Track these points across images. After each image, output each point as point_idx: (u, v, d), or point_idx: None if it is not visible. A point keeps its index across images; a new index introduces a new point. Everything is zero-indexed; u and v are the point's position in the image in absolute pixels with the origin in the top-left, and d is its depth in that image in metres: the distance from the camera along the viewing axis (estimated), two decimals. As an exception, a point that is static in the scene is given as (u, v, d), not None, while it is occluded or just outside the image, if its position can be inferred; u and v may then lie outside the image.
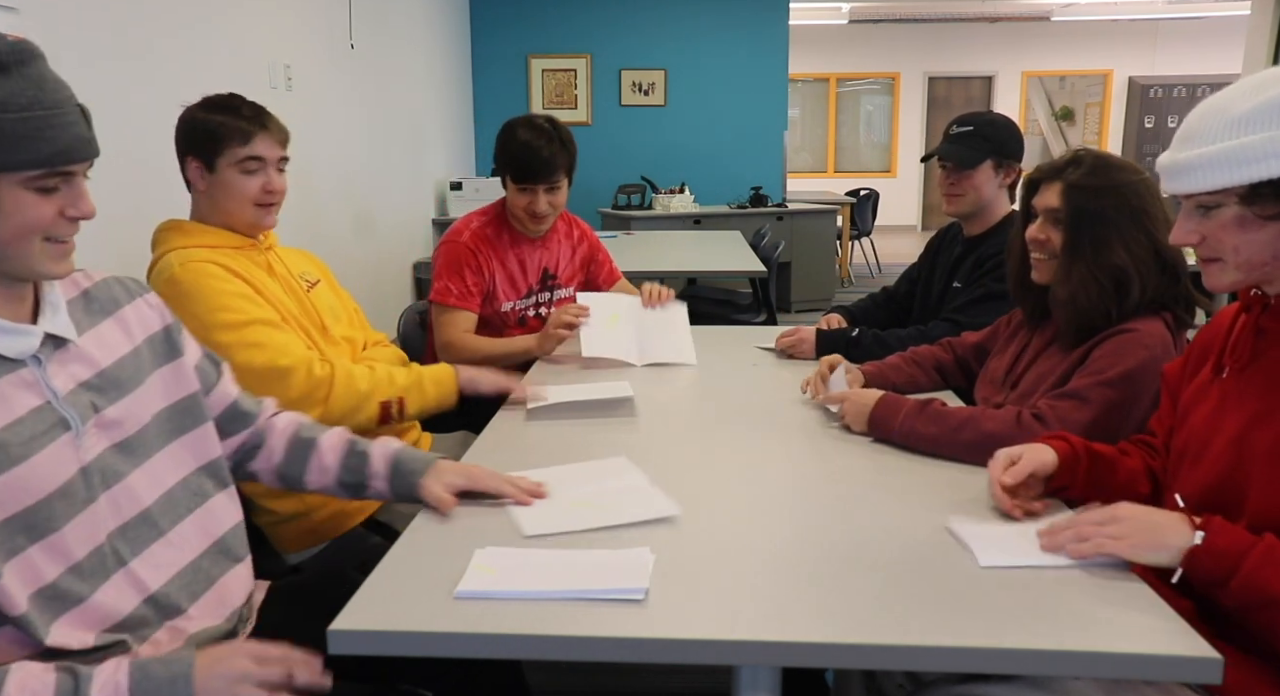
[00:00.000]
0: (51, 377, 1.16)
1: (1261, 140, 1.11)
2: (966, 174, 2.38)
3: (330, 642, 1.06)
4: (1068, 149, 1.77)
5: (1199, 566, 1.10)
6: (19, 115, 1.05)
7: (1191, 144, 1.17)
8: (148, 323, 1.34)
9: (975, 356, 2.07)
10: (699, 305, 4.99)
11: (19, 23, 2.52)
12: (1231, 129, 1.13)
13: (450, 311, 2.54)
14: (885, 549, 1.28)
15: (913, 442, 1.67)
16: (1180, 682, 1.18)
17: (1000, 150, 2.37)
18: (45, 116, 1.07)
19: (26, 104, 1.06)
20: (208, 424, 1.37)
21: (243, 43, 3.90)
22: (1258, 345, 1.24)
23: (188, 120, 1.88)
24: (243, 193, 1.86)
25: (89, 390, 1.20)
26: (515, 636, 1.06)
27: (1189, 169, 1.17)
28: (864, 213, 9.36)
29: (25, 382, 1.13)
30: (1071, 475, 1.39)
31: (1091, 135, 13.86)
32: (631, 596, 1.12)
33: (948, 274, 2.49)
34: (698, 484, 1.55)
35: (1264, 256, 1.17)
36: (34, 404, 1.13)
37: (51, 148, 1.08)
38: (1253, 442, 1.19)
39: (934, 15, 12.91)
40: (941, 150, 2.42)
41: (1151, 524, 1.15)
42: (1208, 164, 1.14)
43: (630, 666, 2.31)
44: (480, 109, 8.15)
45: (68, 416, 1.16)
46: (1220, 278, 1.22)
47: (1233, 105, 1.14)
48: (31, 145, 1.06)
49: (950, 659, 1.02)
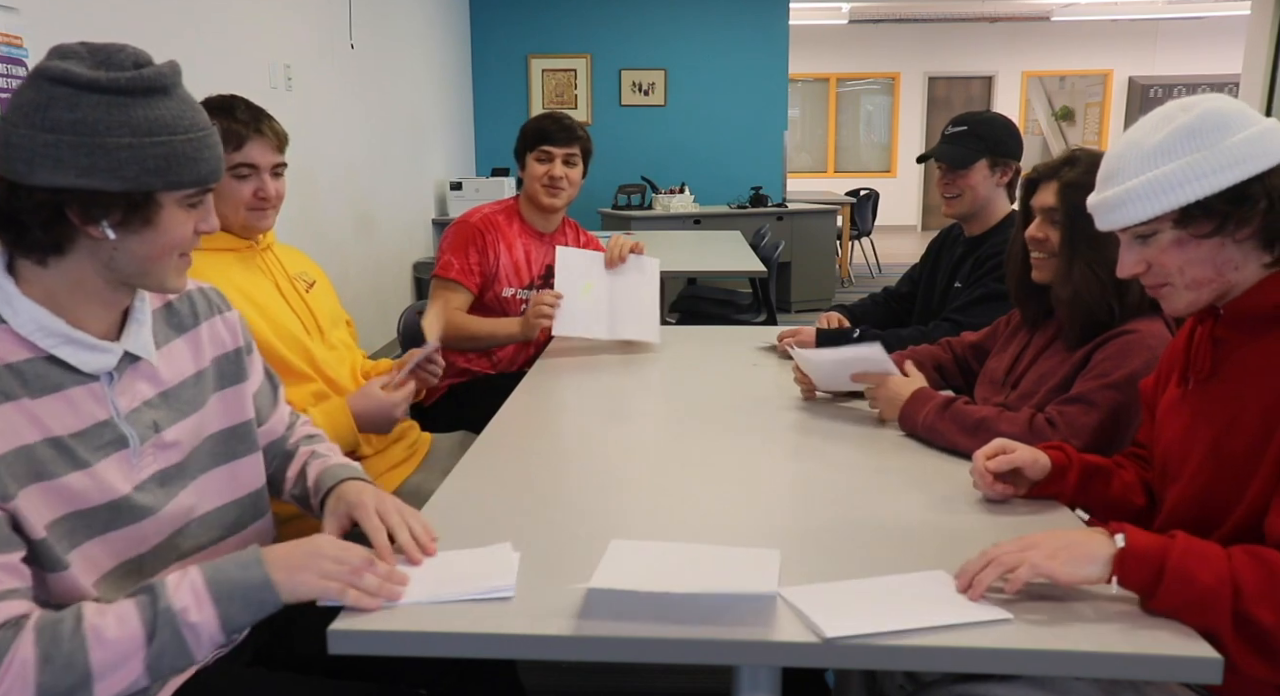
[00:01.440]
0: (118, 395, 1.16)
1: (1179, 167, 1.17)
2: (961, 174, 2.39)
3: (330, 642, 1.06)
4: (1065, 149, 1.78)
5: (1129, 570, 1.08)
6: (184, 136, 1.09)
7: (1114, 181, 1.23)
8: (220, 342, 1.34)
9: (975, 356, 2.07)
10: (699, 305, 5.00)
11: (19, 23, 2.51)
12: (1149, 161, 1.19)
13: (448, 285, 2.60)
14: (887, 548, 1.28)
15: (933, 438, 1.70)
16: (1180, 682, 1.18)
17: (995, 149, 2.38)
18: (202, 137, 1.11)
19: (188, 125, 1.10)
20: (256, 454, 1.37)
21: (243, 43, 3.90)
22: (1217, 354, 1.27)
23: None
24: (235, 197, 1.83)
25: (151, 408, 1.21)
26: (515, 636, 1.06)
27: (1119, 204, 1.22)
28: (864, 213, 9.36)
29: (94, 396, 1.14)
30: (1060, 483, 1.41)
31: (1091, 135, 13.86)
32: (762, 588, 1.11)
33: (949, 274, 2.49)
34: (697, 483, 1.55)
35: (1208, 273, 1.22)
36: (100, 417, 1.14)
37: (208, 167, 1.12)
38: (1228, 452, 1.21)
39: (934, 15, 12.91)
40: (935, 150, 2.43)
41: (1072, 541, 1.13)
42: (1135, 197, 1.20)
43: (630, 666, 2.31)
44: (480, 109, 8.15)
45: (128, 434, 1.17)
46: (1174, 301, 1.26)
47: (1145, 139, 1.20)
48: (194, 165, 1.10)
49: (950, 659, 1.03)
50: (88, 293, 1.12)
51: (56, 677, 0.98)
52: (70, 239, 1.07)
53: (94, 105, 1.04)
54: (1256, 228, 1.18)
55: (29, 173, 1.03)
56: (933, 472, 1.58)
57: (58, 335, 1.10)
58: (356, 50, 5.34)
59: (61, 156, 1.03)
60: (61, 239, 1.07)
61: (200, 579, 1.07)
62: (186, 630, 1.04)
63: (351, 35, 5.26)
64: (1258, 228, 1.18)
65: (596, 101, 8.16)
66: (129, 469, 1.16)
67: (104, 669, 1.00)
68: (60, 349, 1.10)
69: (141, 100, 1.06)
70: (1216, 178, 1.16)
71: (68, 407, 1.11)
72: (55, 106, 1.03)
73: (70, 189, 1.04)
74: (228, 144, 1.81)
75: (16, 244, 1.07)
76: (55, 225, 1.05)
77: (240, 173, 1.83)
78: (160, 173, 1.07)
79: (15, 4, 2.50)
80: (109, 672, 1.00)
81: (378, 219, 5.79)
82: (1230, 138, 1.16)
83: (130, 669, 1.02)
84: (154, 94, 1.07)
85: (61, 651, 0.99)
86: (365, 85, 5.52)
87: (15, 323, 1.08)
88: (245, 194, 1.84)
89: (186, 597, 1.05)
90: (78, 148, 1.03)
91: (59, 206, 1.04)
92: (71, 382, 1.11)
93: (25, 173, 1.03)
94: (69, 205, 1.05)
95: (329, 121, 4.96)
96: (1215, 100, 1.20)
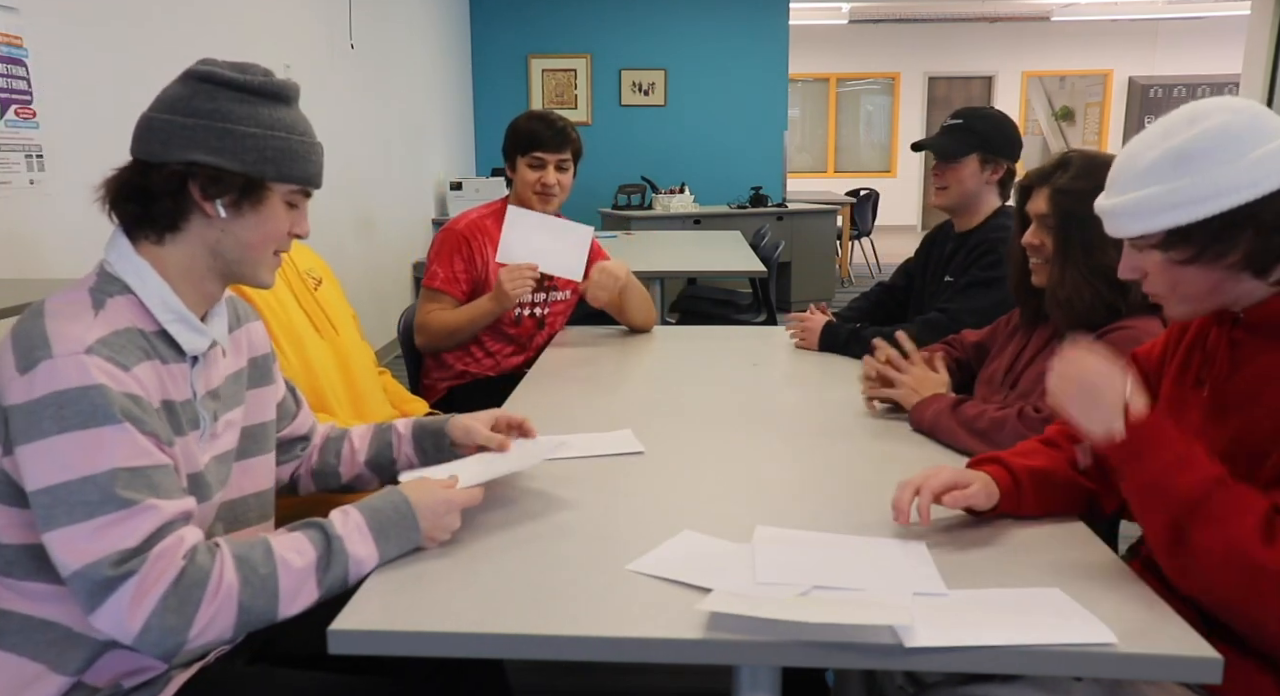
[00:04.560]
0: (196, 378, 1.25)
1: (1162, 192, 1.16)
2: (951, 166, 2.40)
3: (330, 642, 1.06)
4: (1047, 154, 1.79)
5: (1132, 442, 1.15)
6: (299, 137, 1.24)
7: (1113, 191, 1.24)
8: (255, 345, 1.43)
9: (976, 356, 2.08)
10: (699, 305, 5.00)
11: (19, 22, 2.51)
12: (1139, 179, 1.18)
13: (433, 294, 2.61)
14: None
15: (938, 436, 1.74)
16: (1180, 682, 1.18)
17: (987, 144, 2.38)
18: (313, 144, 1.27)
19: (303, 131, 1.25)
20: (269, 454, 1.43)
21: (243, 43, 3.90)
22: (1234, 357, 1.26)
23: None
24: None
25: (212, 397, 1.29)
26: (515, 636, 1.06)
27: (1113, 215, 1.23)
28: (864, 213, 9.36)
29: (184, 376, 1.23)
30: (1018, 500, 1.36)
31: (1091, 135, 13.86)
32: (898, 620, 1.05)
33: (940, 270, 2.50)
34: (696, 484, 1.55)
35: (1201, 290, 1.21)
36: (186, 396, 1.23)
37: (313, 168, 1.26)
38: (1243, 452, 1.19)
39: (934, 15, 12.92)
40: (928, 141, 2.45)
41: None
42: (1124, 213, 1.21)
43: (630, 666, 2.31)
44: (480, 109, 8.16)
45: (201, 416, 1.25)
46: (1171, 310, 1.27)
47: (1142, 155, 1.19)
48: (303, 164, 1.24)
49: (951, 659, 1.03)
50: (193, 279, 1.23)
51: (254, 599, 1.10)
52: (187, 216, 1.19)
53: (229, 98, 1.19)
54: (1241, 256, 1.15)
55: (164, 150, 1.17)
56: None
57: (174, 312, 1.20)
58: (356, 50, 5.34)
59: (195, 136, 1.17)
60: (179, 216, 1.19)
61: (361, 518, 1.21)
62: (352, 562, 1.18)
63: (351, 35, 5.26)
64: (1243, 256, 1.15)
65: (596, 101, 8.16)
66: (198, 450, 1.24)
67: (289, 593, 1.13)
68: (173, 325, 1.20)
69: (268, 102, 1.21)
70: (1196, 208, 1.14)
71: (172, 381, 1.20)
72: (197, 97, 1.18)
73: (198, 163, 1.16)
74: None
75: (141, 218, 1.19)
76: (179, 198, 1.18)
77: None
78: (274, 162, 1.21)
79: (15, 4, 2.50)
80: (293, 596, 1.13)
81: (377, 219, 5.79)
82: (1225, 164, 1.12)
83: (308, 593, 1.15)
84: (278, 100, 1.23)
85: (258, 575, 1.11)
86: (365, 85, 5.52)
87: (143, 294, 1.19)
88: None
89: (353, 533, 1.19)
90: (210, 130, 1.17)
91: (184, 179, 1.17)
92: (173, 359, 1.20)
93: (160, 151, 1.17)
94: (194, 178, 1.17)
95: (329, 121, 4.96)
96: (1225, 115, 1.15)
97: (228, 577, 1.09)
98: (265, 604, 1.11)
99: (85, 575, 1.04)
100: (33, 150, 2.54)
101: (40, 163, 2.57)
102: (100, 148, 2.79)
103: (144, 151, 1.19)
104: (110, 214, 1.21)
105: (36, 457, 1.05)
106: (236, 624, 1.10)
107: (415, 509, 1.23)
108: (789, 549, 1.26)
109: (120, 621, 1.05)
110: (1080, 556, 1.23)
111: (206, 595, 1.07)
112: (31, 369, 1.06)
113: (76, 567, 1.04)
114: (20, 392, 1.06)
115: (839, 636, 1.03)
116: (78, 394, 1.05)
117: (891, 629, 1.03)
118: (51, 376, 1.06)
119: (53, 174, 2.61)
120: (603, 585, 1.17)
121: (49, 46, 2.61)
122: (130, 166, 1.20)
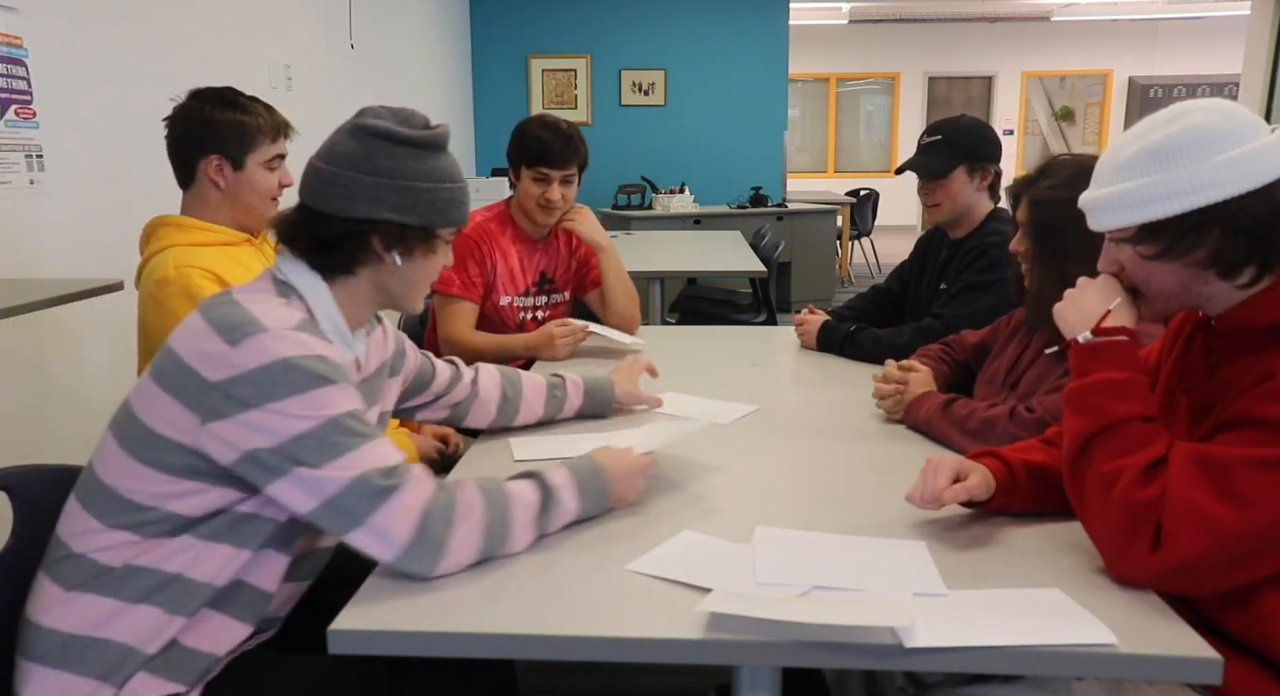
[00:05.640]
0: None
1: (1137, 186, 1.18)
2: (941, 183, 2.40)
3: (330, 642, 1.06)
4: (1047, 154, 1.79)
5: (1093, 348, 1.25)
6: (459, 185, 1.35)
7: (1095, 184, 1.26)
8: (386, 347, 1.54)
9: (976, 356, 2.08)
10: (699, 305, 5.00)
11: (19, 22, 2.51)
12: (1118, 173, 1.20)
13: (454, 301, 2.56)
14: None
15: (932, 436, 1.76)
16: (1180, 682, 1.18)
17: (971, 155, 2.38)
18: (464, 187, 1.37)
19: (457, 177, 1.35)
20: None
21: (243, 43, 3.90)
22: (1209, 362, 1.27)
23: (206, 117, 1.86)
24: (266, 189, 1.91)
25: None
26: (515, 636, 1.06)
27: (1092, 208, 1.26)
28: (864, 213, 9.36)
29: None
30: (1013, 493, 1.37)
31: (1091, 135, 13.87)
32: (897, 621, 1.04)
33: (936, 277, 2.51)
34: (697, 484, 1.55)
35: (1173, 287, 1.23)
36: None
37: (466, 211, 1.37)
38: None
39: (934, 15, 12.92)
40: (912, 162, 2.45)
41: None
42: (1101, 207, 1.23)
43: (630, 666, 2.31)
44: (480, 109, 8.15)
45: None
46: (1147, 307, 1.29)
47: (1122, 149, 1.21)
48: (462, 209, 1.36)
49: (951, 659, 1.02)
50: (354, 305, 1.35)
51: (495, 527, 1.21)
52: (364, 263, 1.31)
53: (404, 155, 1.29)
54: (1207, 255, 1.17)
55: (348, 207, 1.27)
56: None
57: (336, 327, 1.32)
58: (356, 50, 5.34)
59: (379, 195, 1.27)
60: (356, 262, 1.31)
61: (569, 475, 1.34)
62: (562, 512, 1.31)
63: (351, 35, 5.26)
64: (1208, 255, 1.17)
65: (596, 101, 8.16)
66: None
67: (521, 526, 1.24)
68: (333, 336, 1.30)
69: (433, 154, 1.32)
70: (1167, 204, 1.16)
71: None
72: (376, 155, 1.28)
73: (382, 220, 1.28)
74: (267, 137, 1.88)
75: (318, 264, 1.30)
76: (359, 250, 1.29)
77: (274, 164, 1.90)
78: (443, 211, 1.32)
79: (15, 4, 2.50)
80: (521, 530, 1.24)
81: (378, 219, 5.79)
82: (1198, 163, 1.14)
83: (530, 531, 1.26)
84: (439, 150, 1.33)
85: (498, 504, 1.22)
86: (365, 85, 5.52)
87: (314, 304, 1.30)
88: (274, 184, 1.91)
89: (565, 486, 1.32)
90: (391, 189, 1.28)
91: (366, 234, 1.29)
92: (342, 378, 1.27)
93: (345, 207, 1.27)
94: (375, 234, 1.29)
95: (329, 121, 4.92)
96: (1207, 114, 1.16)
97: (476, 503, 1.20)
98: (502, 534, 1.22)
99: (353, 489, 1.14)
100: (33, 150, 2.54)
101: (40, 163, 2.57)
102: (100, 148, 2.79)
103: (324, 204, 1.28)
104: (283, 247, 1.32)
105: (271, 418, 1.14)
106: (480, 549, 1.20)
107: (607, 474, 1.36)
108: (789, 549, 1.26)
109: (388, 532, 1.14)
110: (1080, 557, 1.23)
111: (459, 515, 1.18)
112: (242, 342, 1.15)
113: (342, 484, 1.14)
114: (236, 364, 1.14)
115: (839, 636, 1.03)
116: (300, 361, 1.16)
117: (891, 629, 1.03)
118: (270, 346, 1.15)
119: (53, 174, 2.61)
120: (603, 585, 1.17)
121: (49, 46, 2.61)
122: (307, 215, 1.29)
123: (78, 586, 1.20)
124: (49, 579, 1.22)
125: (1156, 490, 1.13)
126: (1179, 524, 1.10)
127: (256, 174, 1.89)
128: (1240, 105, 1.19)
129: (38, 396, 2.56)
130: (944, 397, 1.79)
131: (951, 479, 1.32)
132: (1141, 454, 1.16)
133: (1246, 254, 1.16)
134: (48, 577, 1.22)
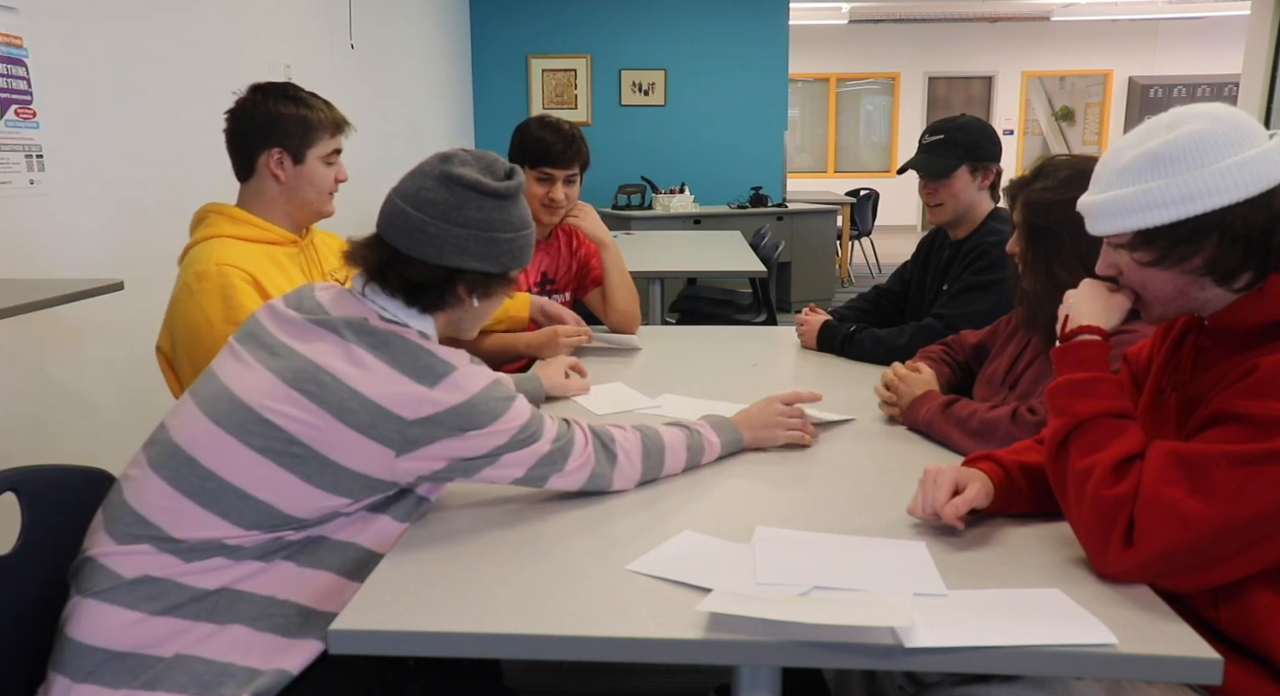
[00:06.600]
0: None
1: (1135, 193, 1.18)
2: (943, 183, 2.40)
3: (330, 642, 1.06)
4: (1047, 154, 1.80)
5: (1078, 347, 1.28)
6: (530, 230, 1.44)
7: (1094, 187, 1.26)
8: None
9: (975, 357, 2.08)
10: (699, 305, 5.00)
11: (19, 22, 2.51)
12: (1116, 179, 1.21)
13: None
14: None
15: (933, 436, 1.76)
16: (1180, 683, 1.18)
17: (973, 154, 2.38)
18: (534, 231, 1.46)
19: (528, 223, 1.43)
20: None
21: (243, 43, 3.90)
22: (1198, 362, 1.28)
23: (269, 111, 1.88)
24: (325, 183, 1.94)
25: None
26: (515, 636, 1.06)
27: (1090, 213, 1.26)
28: (864, 213, 9.36)
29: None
30: (1012, 495, 1.37)
31: (1091, 135, 13.87)
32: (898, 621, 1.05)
33: (938, 277, 2.51)
34: (696, 484, 1.55)
35: (1169, 292, 1.23)
36: None
37: (531, 253, 1.45)
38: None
39: (934, 15, 12.92)
40: (915, 162, 2.45)
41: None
42: (1099, 212, 1.23)
43: (630, 666, 2.31)
44: (480, 109, 8.15)
45: None
46: (1144, 311, 1.30)
47: (1121, 154, 1.21)
48: (529, 253, 1.44)
49: (950, 659, 1.02)
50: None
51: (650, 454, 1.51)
52: (446, 305, 1.41)
53: (490, 207, 1.37)
54: (1203, 262, 1.17)
55: (439, 255, 1.35)
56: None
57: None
58: (356, 50, 5.34)
59: (468, 246, 1.36)
60: (440, 304, 1.40)
61: (706, 422, 1.64)
62: (707, 444, 1.61)
63: (351, 35, 5.26)
64: (1204, 262, 1.17)
65: (596, 101, 8.15)
66: None
67: (674, 452, 1.55)
68: None
69: (511, 203, 1.40)
70: (1164, 211, 1.16)
71: None
72: (467, 207, 1.36)
73: (470, 270, 1.37)
74: (328, 132, 1.91)
75: (412, 302, 1.38)
76: (447, 294, 1.39)
77: (331, 159, 1.92)
78: (516, 257, 1.42)
79: (15, 4, 2.50)
80: (674, 457, 1.55)
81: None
82: (1196, 170, 1.14)
83: (681, 460, 1.56)
84: (516, 199, 1.41)
85: (651, 440, 1.53)
86: (365, 85, 5.52)
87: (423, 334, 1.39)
88: (331, 179, 1.94)
89: (702, 425, 1.62)
90: (480, 240, 1.36)
91: (454, 281, 1.38)
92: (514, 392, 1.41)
93: (435, 255, 1.35)
94: (463, 281, 1.38)
95: (329, 121, 4.96)
96: (1205, 121, 1.16)
97: (629, 438, 1.50)
98: (657, 460, 1.52)
99: (555, 444, 1.40)
100: (33, 150, 2.54)
101: (40, 163, 2.57)
102: (100, 148, 2.79)
103: (413, 250, 1.36)
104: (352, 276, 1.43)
105: (485, 437, 1.32)
106: (641, 473, 1.50)
107: (733, 420, 1.68)
108: (789, 549, 1.26)
109: (580, 465, 1.42)
110: (1080, 557, 1.23)
111: (619, 448, 1.48)
112: (440, 382, 1.29)
113: (549, 448, 1.39)
114: (440, 401, 1.28)
115: (839, 636, 1.03)
116: (493, 387, 1.33)
117: (891, 629, 1.03)
118: (467, 382, 1.31)
119: (53, 174, 2.61)
120: (603, 585, 1.17)
121: (49, 46, 2.60)
122: (395, 257, 1.37)
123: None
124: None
125: (1127, 486, 1.14)
126: (1151, 520, 1.11)
127: (316, 168, 1.92)
128: (1239, 111, 1.19)
129: (38, 396, 2.56)
130: (945, 398, 1.79)
131: (950, 489, 1.31)
132: (1110, 450, 1.18)
133: (1243, 260, 1.16)
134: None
